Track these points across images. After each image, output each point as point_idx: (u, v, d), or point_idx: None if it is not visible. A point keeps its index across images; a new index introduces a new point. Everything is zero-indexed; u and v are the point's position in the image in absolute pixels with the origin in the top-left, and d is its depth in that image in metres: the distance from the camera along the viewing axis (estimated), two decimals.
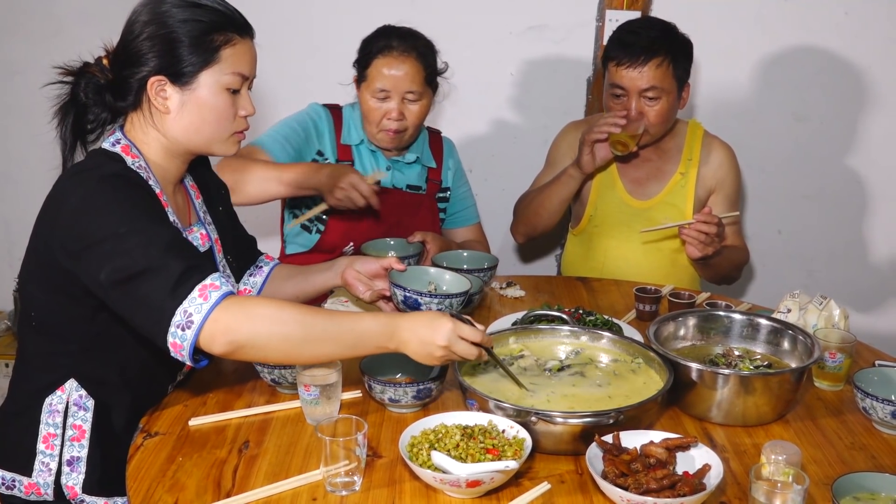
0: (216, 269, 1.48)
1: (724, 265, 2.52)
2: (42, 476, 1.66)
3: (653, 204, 2.60)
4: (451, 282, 1.99)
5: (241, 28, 1.65)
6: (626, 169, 2.63)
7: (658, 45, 2.41)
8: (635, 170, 2.63)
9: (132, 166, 1.61)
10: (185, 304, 1.41)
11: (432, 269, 2.01)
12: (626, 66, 2.41)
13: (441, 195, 2.64)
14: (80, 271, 1.51)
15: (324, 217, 2.48)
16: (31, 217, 3.52)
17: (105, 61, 1.67)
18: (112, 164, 1.59)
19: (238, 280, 1.96)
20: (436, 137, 2.65)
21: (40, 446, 1.66)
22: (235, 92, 1.66)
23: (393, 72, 2.32)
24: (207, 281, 1.44)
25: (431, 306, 1.81)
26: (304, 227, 2.54)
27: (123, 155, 1.62)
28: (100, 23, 3.15)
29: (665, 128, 2.52)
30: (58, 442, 1.66)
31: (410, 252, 2.34)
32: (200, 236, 1.78)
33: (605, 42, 2.96)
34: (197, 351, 1.44)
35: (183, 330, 1.41)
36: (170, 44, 1.59)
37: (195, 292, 1.42)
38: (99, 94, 1.66)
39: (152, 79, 1.60)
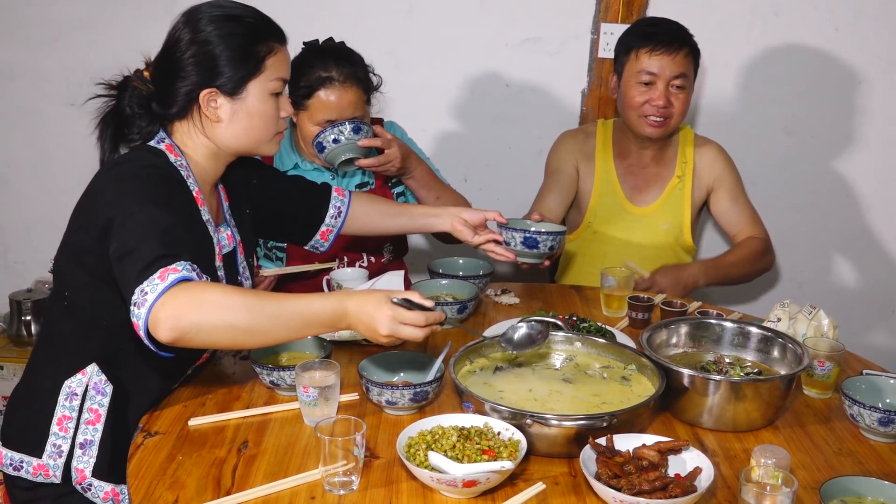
0: (191, 259, 1.48)
1: (734, 275, 2.61)
2: (52, 458, 1.68)
3: (652, 210, 2.65)
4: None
5: (279, 36, 1.75)
6: (626, 176, 2.68)
7: (684, 37, 2.52)
8: (634, 177, 2.68)
9: (174, 163, 1.69)
10: (144, 284, 1.42)
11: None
12: (660, 53, 2.48)
13: (394, 180, 2.59)
14: (105, 252, 1.54)
15: (283, 245, 2.50)
16: (27, 221, 3.55)
17: (146, 73, 1.75)
18: (151, 158, 1.67)
19: (309, 239, 2.13)
20: (377, 127, 2.55)
21: (54, 428, 1.69)
22: (278, 95, 1.76)
23: (336, 103, 2.31)
24: (171, 265, 1.44)
25: (548, 243, 2.04)
26: (265, 255, 2.56)
27: (167, 152, 1.71)
28: (97, 29, 3.21)
29: (681, 120, 2.59)
30: (72, 425, 1.69)
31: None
32: (227, 237, 1.85)
33: (599, 54, 3.03)
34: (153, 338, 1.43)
35: (138, 308, 1.41)
36: (216, 59, 1.67)
37: (156, 274, 1.42)
38: (143, 107, 1.74)
39: (204, 91, 1.68)
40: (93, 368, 1.70)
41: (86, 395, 1.69)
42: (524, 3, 3.05)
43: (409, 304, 1.53)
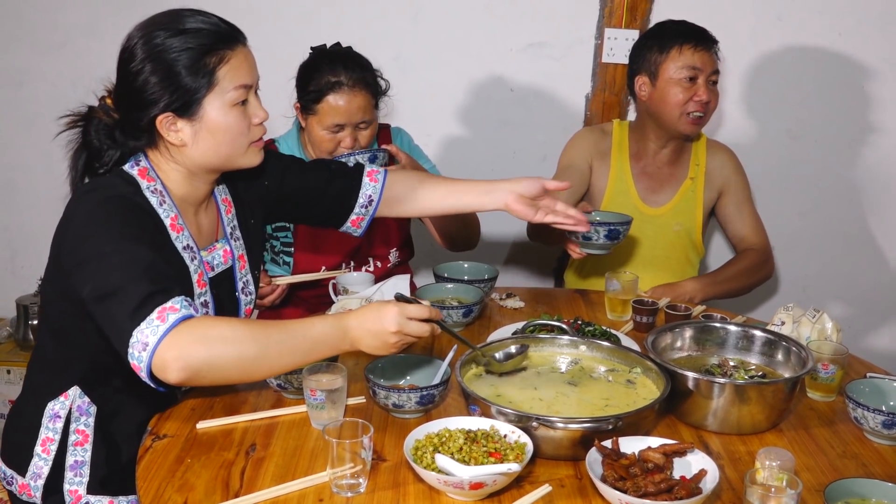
0: (183, 293, 1.46)
1: (731, 288, 2.63)
2: (34, 479, 1.70)
3: (664, 211, 2.68)
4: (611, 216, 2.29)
5: (229, 40, 1.61)
6: (641, 177, 2.70)
7: (712, 35, 2.58)
8: (649, 178, 2.70)
9: (145, 190, 1.63)
10: (143, 325, 1.40)
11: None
12: (701, 49, 2.52)
13: None
14: (74, 285, 1.53)
15: (290, 250, 2.51)
16: (35, 225, 3.57)
17: (108, 101, 1.66)
18: (122, 187, 1.61)
19: (341, 225, 1.99)
20: (383, 132, 2.60)
21: (37, 449, 1.69)
22: (244, 102, 1.64)
23: (345, 107, 2.32)
24: (168, 304, 1.42)
25: (626, 232, 2.18)
26: (272, 259, 2.58)
27: (139, 178, 1.64)
28: (105, 35, 3.22)
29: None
30: (54, 447, 1.69)
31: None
32: (223, 253, 1.79)
33: (603, 59, 3.05)
34: (155, 377, 1.43)
35: (139, 352, 1.40)
36: (166, 80, 1.56)
37: (154, 314, 1.41)
38: (110, 137, 1.65)
39: (160, 117, 1.59)
40: (75, 391, 1.70)
41: (70, 416, 1.69)
42: (528, 9, 3.07)
43: (408, 300, 1.55)
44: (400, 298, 1.55)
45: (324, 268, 2.51)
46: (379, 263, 2.60)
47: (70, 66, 3.19)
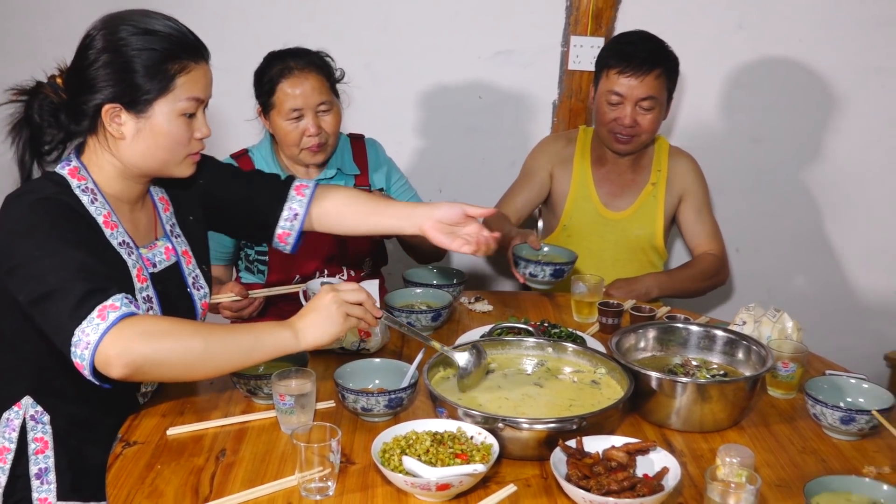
0: (123, 291, 1.48)
1: (687, 289, 2.67)
2: None
3: (626, 215, 2.72)
4: (557, 253, 2.41)
5: (195, 53, 1.64)
6: (602, 182, 2.74)
7: (656, 58, 2.54)
8: (611, 183, 2.74)
9: (76, 189, 1.63)
10: (84, 324, 1.42)
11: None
12: (627, 75, 2.51)
13: (379, 188, 2.62)
14: (11, 291, 1.54)
15: (264, 258, 2.53)
16: None
17: (59, 80, 1.65)
18: (49, 188, 1.61)
19: (270, 240, 1.94)
20: (358, 143, 2.62)
21: None
22: (191, 115, 1.66)
23: (299, 90, 2.35)
24: (108, 302, 1.44)
25: (570, 270, 2.32)
26: (246, 268, 2.59)
27: (69, 178, 1.64)
28: (76, 44, 3.20)
29: (652, 137, 2.65)
30: (10, 457, 1.68)
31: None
32: (165, 250, 1.79)
33: (569, 66, 3.09)
34: (99, 374, 1.45)
35: (82, 350, 1.42)
36: (124, 73, 1.58)
37: (94, 313, 1.43)
38: (53, 116, 1.64)
39: (107, 106, 1.59)
40: (27, 401, 1.69)
41: (25, 426, 1.69)
42: (496, 17, 3.10)
43: None
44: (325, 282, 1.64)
45: (298, 276, 2.52)
46: (353, 271, 2.61)
47: (41, 76, 3.17)
